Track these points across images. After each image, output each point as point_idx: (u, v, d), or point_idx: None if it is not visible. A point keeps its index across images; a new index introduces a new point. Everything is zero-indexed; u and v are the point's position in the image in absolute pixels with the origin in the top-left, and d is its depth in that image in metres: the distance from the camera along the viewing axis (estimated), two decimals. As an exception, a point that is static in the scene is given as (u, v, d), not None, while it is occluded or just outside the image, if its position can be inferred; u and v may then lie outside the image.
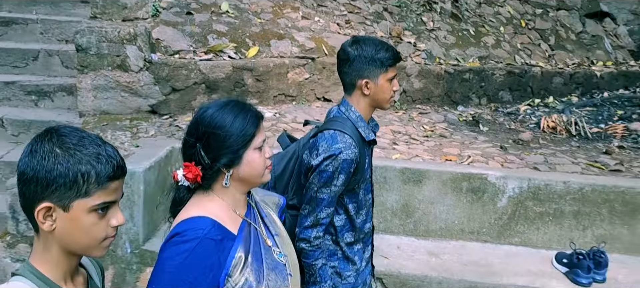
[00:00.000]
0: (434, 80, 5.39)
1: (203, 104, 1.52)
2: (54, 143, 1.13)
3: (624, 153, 4.43)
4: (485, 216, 3.38)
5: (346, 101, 2.05)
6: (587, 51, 6.21)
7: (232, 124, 1.43)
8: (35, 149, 1.13)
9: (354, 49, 1.99)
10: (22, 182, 1.13)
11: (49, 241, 1.16)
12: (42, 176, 1.11)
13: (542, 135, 4.85)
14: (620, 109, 5.46)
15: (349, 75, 2.01)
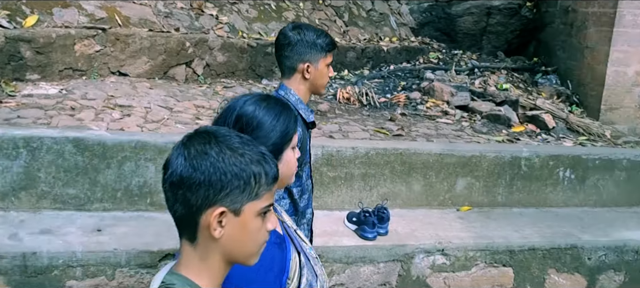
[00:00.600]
0: (238, 53, 5.39)
1: (235, 98, 1.41)
2: (219, 144, 1.03)
3: (405, 119, 4.99)
4: (284, 184, 3.51)
5: (284, 85, 2.04)
6: (376, 28, 6.81)
7: (277, 121, 1.35)
8: (199, 151, 1.01)
9: (295, 33, 2.00)
10: (187, 188, 1.01)
11: (210, 250, 1.06)
12: (216, 179, 1.00)
13: (338, 106, 5.21)
14: (403, 81, 6.12)
15: (290, 59, 2.01)
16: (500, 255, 3.26)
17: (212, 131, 1.08)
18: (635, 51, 5.83)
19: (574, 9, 6.48)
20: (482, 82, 6.34)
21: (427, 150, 3.66)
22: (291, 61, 2.03)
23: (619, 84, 5.92)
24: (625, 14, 5.72)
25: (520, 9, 7.05)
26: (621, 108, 5.99)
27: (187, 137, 1.07)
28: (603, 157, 3.93)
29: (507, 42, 7.28)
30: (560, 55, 6.79)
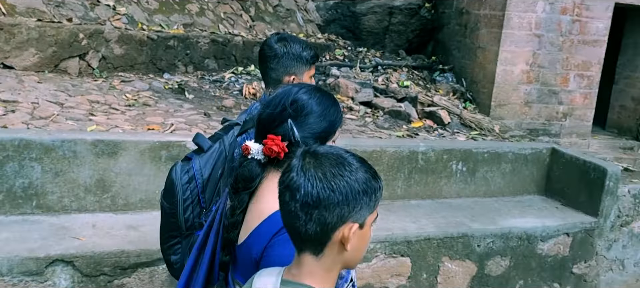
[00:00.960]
0: (137, 46, 5.16)
1: (287, 85, 1.49)
2: (348, 165, 1.11)
3: (310, 115, 5.05)
4: (185, 183, 3.42)
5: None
6: (283, 23, 6.82)
7: (329, 110, 1.43)
8: (334, 173, 1.09)
9: (281, 45, 1.98)
10: (324, 208, 1.08)
11: (336, 261, 1.15)
12: (351, 197, 1.09)
13: (244, 101, 5.16)
14: (309, 76, 6.19)
15: (276, 71, 1.99)
16: (399, 245, 3.40)
17: (335, 153, 1.15)
18: (521, 51, 6.32)
19: (468, 11, 6.90)
20: (385, 79, 6.57)
21: (330, 145, 3.72)
22: (277, 73, 2.02)
23: (507, 82, 6.39)
24: (512, 16, 6.17)
25: (419, 9, 7.37)
26: (509, 104, 6.46)
27: (309, 159, 1.13)
28: (491, 150, 4.22)
29: (408, 41, 7.59)
30: (456, 55, 7.19)
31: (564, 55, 6.40)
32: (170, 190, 1.87)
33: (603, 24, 6.35)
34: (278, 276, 1.18)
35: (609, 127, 7.52)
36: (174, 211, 1.88)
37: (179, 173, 1.86)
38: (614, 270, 4.29)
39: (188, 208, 1.87)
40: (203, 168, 1.88)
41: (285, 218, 1.16)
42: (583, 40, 6.38)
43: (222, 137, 1.96)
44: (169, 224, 1.91)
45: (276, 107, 1.42)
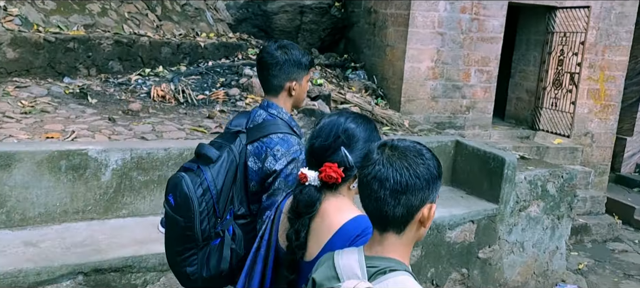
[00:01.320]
0: (33, 49, 4.82)
1: (331, 114, 1.64)
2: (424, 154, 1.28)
3: (223, 116, 4.97)
4: (89, 193, 3.25)
5: (273, 103, 2.06)
6: (192, 23, 6.65)
7: (372, 134, 1.59)
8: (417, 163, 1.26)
9: (282, 52, 2.04)
10: (410, 193, 1.25)
11: (413, 237, 1.33)
12: (431, 181, 1.27)
13: (152, 105, 4.98)
14: (222, 77, 6.08)
15: (278, 77, 2.04)
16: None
17: (412, 144, 1.31)
18: (426, 49, 6.60)
19: (376, 10, 7.10)
20: (298, 78, 6.61)
21: (242, 147, 3.69)
22: (279, 80, 2.06)
23: (415, 78, 6.66)
24: (416, 15, 6.43)
25: (330, 8, 7.49)
26: (417, 99, 6.74)
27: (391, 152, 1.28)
28: (400, 145, 4.38)
29: (320, 40, 7.68)
30: (367, 53, 7.38)
31: (465, 52, 6.77)
32: (185, 204, 1.87)
33: (498, 21, 6.79)
34: (359, 253, 1.34)
35: (508, 118, 8.06)
36: (190, 224, 1.88)
37: (192, 187, 1.86)
38: (515, 252, 4.61)
39: (204, 220, 1.90)
40: (216, 179, 1.90)
41: (372, 205, 1.30)
42: (481, 37, 6.78)
43: (229, 145, 1.97)
44: (184, 237, 1.91)
45: (328, 138, 1.57)
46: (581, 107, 7.47)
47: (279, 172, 1.93)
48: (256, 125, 2.01)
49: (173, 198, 1.90)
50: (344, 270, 1.32)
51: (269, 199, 1.94)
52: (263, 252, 1.70)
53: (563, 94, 7.06)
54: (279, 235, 1.69)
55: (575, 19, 6.80)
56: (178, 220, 1.89)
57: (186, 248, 1.92)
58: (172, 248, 1.97)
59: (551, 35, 7.15)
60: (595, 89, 7.64)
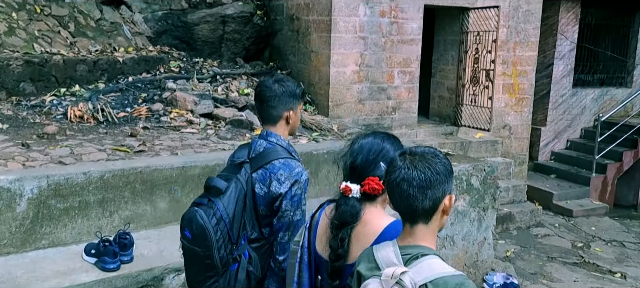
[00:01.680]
0: None
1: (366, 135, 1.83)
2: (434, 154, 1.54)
3: (147, 133, 4.79)
4: (3, 226, 3.03)
5: (272, 132, 2.22)
6: (109, 38, 6.38)
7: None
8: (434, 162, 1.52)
9: (279, 86, 2.21)
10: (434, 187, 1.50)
11: (438, 226, 1.58)
12: (447, 176, 1.52)
13: (70, 126, 4.72)
14: (143, 92, 5.88)
15: (276, 108, 2.20)
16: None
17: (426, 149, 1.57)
18: (350, 53, 6.71)
19: (298, 17, 7.14)
20: (225, 89, 6.51)
21: (169, 164, 3.57)
22: (277, 111, 2.22)
23: (341, 83, 6.75)
24: (338, 21, 6.53)
25: (252, 17, 7.44)
26: (345, 103, 6.84)
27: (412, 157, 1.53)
28: (330, 150, 4.41)
29: (244, 49, 7.61)
30: (292, 59, 7.40)
31: (387, 55, 6.95)
32: (202, 235, 2.02)
33: (416, 24, 7.02)
34: (394, 245, 1.57)
35: (432, 115, 8.35)
36: (209, 253, 2.03)
37: (206, 218, 2.02)
38: (446, 246, 4.76)
39: (221, 248, 2.05)
40: (227, 208, 2.07)
41: (403, 203, 1.53)
42: (402, 39, 6.99)
43: (235, 176, 2.13)
44: (205, 266, 2.06)
45: (369, 155, 1.78)
46: (498, 101, 7.88)
47: (284, 194, 2.12)
48: (258, 154, 2.19)
49: (189, 231, 2.06)
50: (383, 260, 1.56)
51: (280, 221, 2.15)
52: (306, 259, 1.87)
53: (480, 90, 7.41)
54: (318, 243, 1.86)
55: (486, 18, 7.16)
56: (197, 251, 2.06)
57: (208, 276, 2.08)
58: (195, 278, 2.13)
59: (466, 35, 7.49)
60: (509, 84, 8.08)
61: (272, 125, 2.24)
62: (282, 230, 2.14)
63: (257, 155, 2.18)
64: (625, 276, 6.15)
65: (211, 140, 4.78)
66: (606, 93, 10.04)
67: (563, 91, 9.50)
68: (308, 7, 6.89)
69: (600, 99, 9.98)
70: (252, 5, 7.54)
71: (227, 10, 7.25)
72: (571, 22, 9.26)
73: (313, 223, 1.90)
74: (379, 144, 1.80)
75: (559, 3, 8.99)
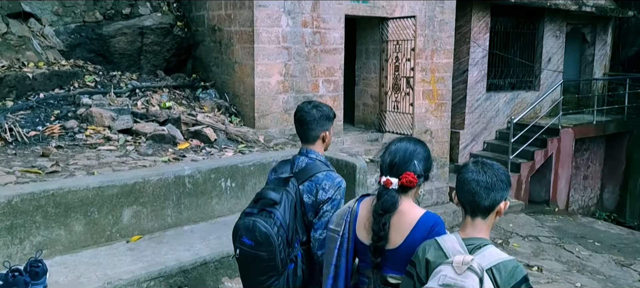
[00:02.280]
0: None
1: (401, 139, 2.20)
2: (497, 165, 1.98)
3: (61, 153, 4.52)
4: None
5: (311, 150, 2.57)
6: (16, 52, 5.98)
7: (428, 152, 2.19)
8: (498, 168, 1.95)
9: (316, 111, 2.54)
10: (496, 190, 1.90)
11: (492, 224, 1.98)
12: (507, 184, 1.93)
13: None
14: (56, 109, 5.55)
15: (315, 130, 2.55)
16: (175, 277, 3.26)
17: (492, 162, 1.99)
18: (274, 63, 6.70)
19: (220, 28, 7.04)
20: (145, 102, 6.29)
21: (84, 185, 3.38)
22: (316, 132, 2.56)
23: (266, 93, 6.72)
24: (261, 31, 6.50)
25: (172, 28, 7.25)
26: (270, 114, 6.81)
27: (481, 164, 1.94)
28: (256, 162, 4.37)
29: (165, 61, 7.40)
30: (216, 71, 7.28)
31: (311, 64, 7.01)
32: (266, 241, 2.35)
33: (338, 33, 7.14)
34: (457, 236, 1.93)
35: (357, 123, 8.51)
36: (273, 256, 2.36)
37: (268, 226, 2.35)
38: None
39: (282, 251, 2.38)
40: (284, 216, 2.41)
41: (469, 198, 1.93)
42: (325, 49, 7.08)
43: (284, 188, 2.47)
44: (268, 268, 2.38)
45: (405, 156, 2.11)
46: (419, 107, 8.16)
47: (328, 199, 2.48)
48: (302, 169, 2.55)
49: (249, 238, 2.37)
50: (450, 250, 1.88)
51: (320, 220, 2.47)
52: (345, 245, 2.17)
53: (402, 96, 7.64)
54: (358, 231, 2.17)
55: (404, 27, 7.41)
56: (261, 255, 2.36)
57: (270, 276, 2.39)
58: (256, 279, 2.42)
59: (386, 44, 7.71)
60: (428, 90, 8.40)
61: (311, 144, 2.60)
62: (321, 228, 2.46)
63: (300, 170, 2.54)
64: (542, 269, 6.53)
65: (131, 157, 4.59)
66: (517, 96, 10.68)
67: (478, 96, 10.00)
68: (230, 18, 6.82)
69: (512, 102, 10.60)
70: (172, 17, 7.35)
71: (145, 21, 7.02)
72: (482, 30, 9.79)
73: (353, 215, 2.18)
74: (413, 146, 2.16)
75: (471, 13, 9.47)
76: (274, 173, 2.65)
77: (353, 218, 2.17)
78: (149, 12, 7.25)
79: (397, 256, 2.06)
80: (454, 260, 1.81)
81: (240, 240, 2.40)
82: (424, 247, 1.96)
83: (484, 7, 9.61)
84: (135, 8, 7.18)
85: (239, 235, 2.41)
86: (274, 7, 6.53)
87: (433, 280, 1.84)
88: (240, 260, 2.45)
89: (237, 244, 2.42)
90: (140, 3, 7.25)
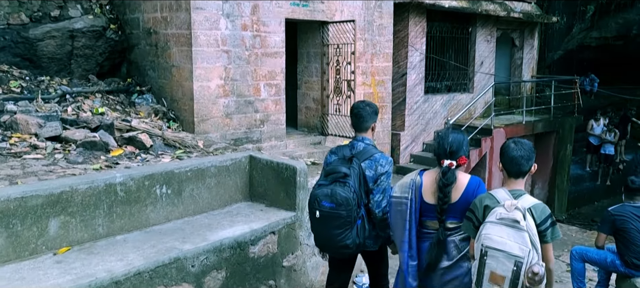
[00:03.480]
0: None
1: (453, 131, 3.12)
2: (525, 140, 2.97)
3: (-19, 162, 4.23)
4: None
5: (366, 137, 3.51)
6: None
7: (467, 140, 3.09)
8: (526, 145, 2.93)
9: (369, 108, 3.52)
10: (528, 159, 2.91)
11: (525, 181, 2.99)
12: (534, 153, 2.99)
13: None
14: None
15: (368, 122, 3.50)
16: (107, 289, 3.11)
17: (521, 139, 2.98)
18: (213, 67, 6.58)
19: (156, 30, 6.83)
20: (76, 108, 6.00)
21: (5, 196, 3.16)
22: (368, 123, 3.50)
23: (205, 97, 6.57)
24: (199, 34, 6.36)
25: (105, 31, 6.97)
26: (211, 118, 6.67)
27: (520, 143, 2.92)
28: (193, 168, 4.25)
29: (98, 65, 7.10)
30: (152, 75, 7.06)
31: (252, 68, 6.93)
32: (345, 202, 3.19)
33: (279, 37, 7.10)
34: (504, 189, 2.89)
35: (300, 126, 8.50)
36: (350, 214, 3.20)
37: (346, 192, 3.20)
38: (316, 254, 4.82)
39: (354, 211, 3.23)
40: (355, 185, 3.26)
41: (514, 167, 2.88)
42: (266, 52, 7.02)
43: (348, 165, 3.30)
44: (344, 224, 3.22)
45: (458, 144, 2.99)
46: (360, 110, 8.24)
47: (384, 173, 3.39)
48: (360, 151, 3.43)
49: (329, 202, 3.21)
50: (500, 198, 2.83)
51: (378, 187, 3.36)
52: (414, 205, 3.05)
53: (344, 99, 7.70)
54: (425, 195, 3.05)
55: (344, 31, 7.47)
56: (341, 214, 3.20)
57: (345, 229, 3.22)
58: (333, 232, 3.24)
59: (327, 47, 7.74)
60: (369, 93, 8.51)
61: (364, 132, 3.52)
62: (379, 193, 3.36)
63: (359, 152, 3.42)
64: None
65: (59, 165, 4.35)
66: (453, 98, 11.02)
67: (417, 98, 10.24)
68: (166, 21, 6.64)
69: (448, 103, 10.93)
70: (105, 19, 7.07)
71: (76, 24, 6.71)
72: (419, 35, 10.04)
73: (417, 184, 3.07)
74: (462, 136, 3.06)
75: (408, 17, 9.70)
76: (334, 155, 3.49)
77: (418, 187, 3.07)
78: (79, 15, 6.93)
79: (455, 208, 2.99)
80: (505, 204, 2.75)
81: (320, 205, 3.24)
82: (480, 198, 2.89)
83: (420, 12, 9.86)
84: (65, 10, 6.85)
85: (317, 201, 3.24)
86: (212, 10, 6.41)
87: (491, 216, 2.76)
88: (320, 220, 3.26)
89: (317, 208, 3.25)
90: (70, 5, 6.93)
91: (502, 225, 2.71)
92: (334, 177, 3.23)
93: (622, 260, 5.08)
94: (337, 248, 3.30)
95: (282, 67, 7.24)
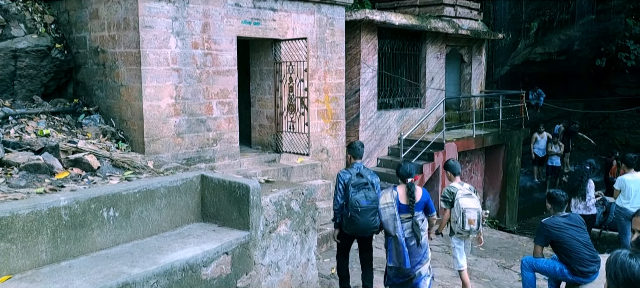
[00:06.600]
0: None
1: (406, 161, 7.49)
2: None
3: None
4: None
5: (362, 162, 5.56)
6: None
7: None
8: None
9: (361, 147, 5.61)
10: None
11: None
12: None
13: None
14: None
15: (362, 153, 5.60)
16: (50, 319, 2.98)
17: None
18: (163, 86, 6.48)
19: (103, 49, 6.69)
20: (19, 130, 5.78)
21: (-62, 225, 3.00)
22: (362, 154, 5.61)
23: (156, 117, 6.46)
24: (148, 53, 6.27)
25: (50, 50, 6.76)
26: (162, 138, 6.55)
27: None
28: (142, 189, 4.15)
29: (43, 85, 6.87)
30: (100, 95, 6.89)
31: (204, 86, 6.87)
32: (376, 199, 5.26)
33: (231, 55, 7.08)
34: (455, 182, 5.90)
35: (254, 144, 8.45)
36: (376, 206, 5.23)
37: (374, 193, 5.26)
38: (271, 273, 4.78)
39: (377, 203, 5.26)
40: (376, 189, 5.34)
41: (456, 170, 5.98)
42: (217, 70, 6.98)
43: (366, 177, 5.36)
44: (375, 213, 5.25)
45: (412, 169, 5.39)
46: (314, 126, 8.29)
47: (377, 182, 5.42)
48: (363, 169, 5.40)
49: (366, 200, 5.18)
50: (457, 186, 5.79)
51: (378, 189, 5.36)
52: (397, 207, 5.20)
53: (297, 117, 7.72)
54: (401, 199, 5.20)
55: (297, 49, 7.52)
56: (374, 207, 5.20)
57: (375, 216, 5.26)
58: (369, 219, 5.20)
59: (280, 65, 7.77)
60: (323, 110, 8.57)
61: (360, 159, 5.50)
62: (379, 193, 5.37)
63: (362, 170, 5.38)
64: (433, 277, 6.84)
65: (0, 190, 4.17)
66: (406, 114, 11.25)
67: (370, 114, 10.39)
68: (114, 39, 6.51)
69: (401, 119, 11.14)
70: (50, 38, 6.87)
71: (19, 44, 6.49)
72: (371, 52, 10.22)
73: (394, 195, 5.20)
74: (413, 164, 5.50)
75: (360, 35, 9.87)
76: (348, 174, 5.33)
77: (396, 196, 5.20)
78: (23, 34, 6.71)
79: (418, 205, 5.20)
80: (462, 188, 5.65)
81: (360, 204, 5.13)
82: (448, 189, 5.72)
83: (371, 29, 10.05)
84: (7, 29, 6.61)
85: (358, 202, 5.14)
86: (162, 28, 6.33)
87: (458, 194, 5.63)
88: (361, 213, 5.15)
89: (358, 206, 5.13)
90: (12, 24, 6.70)
91: (465, 197, 5.66)
92: (362, 185, 5.23)
93: (569, 268, 5.24)
94: (371, 229, 5.28)
95: (235, 85, 7.21)
